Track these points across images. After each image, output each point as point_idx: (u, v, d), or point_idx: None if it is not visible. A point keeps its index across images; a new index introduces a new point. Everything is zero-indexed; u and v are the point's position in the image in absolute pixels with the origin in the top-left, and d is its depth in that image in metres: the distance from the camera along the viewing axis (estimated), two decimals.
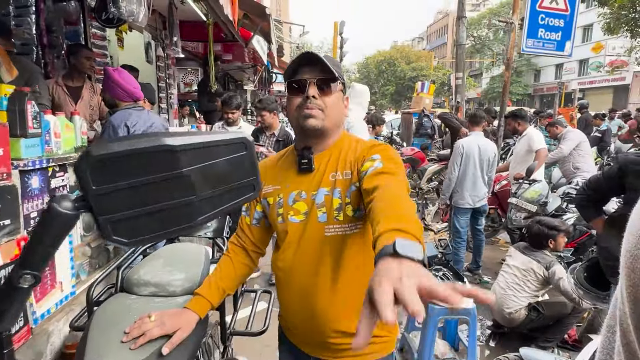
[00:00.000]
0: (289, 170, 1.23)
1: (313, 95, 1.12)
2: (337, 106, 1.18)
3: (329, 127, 1.17)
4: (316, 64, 1.13)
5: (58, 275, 2.34)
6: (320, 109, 1.14)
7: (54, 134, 2.29)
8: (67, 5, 3.38)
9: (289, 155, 1.27)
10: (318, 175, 1.17)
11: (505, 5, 34.45)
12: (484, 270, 4.43)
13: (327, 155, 1.19)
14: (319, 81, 1.13)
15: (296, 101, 1.15)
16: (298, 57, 1.15)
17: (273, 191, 1.23)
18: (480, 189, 4.03)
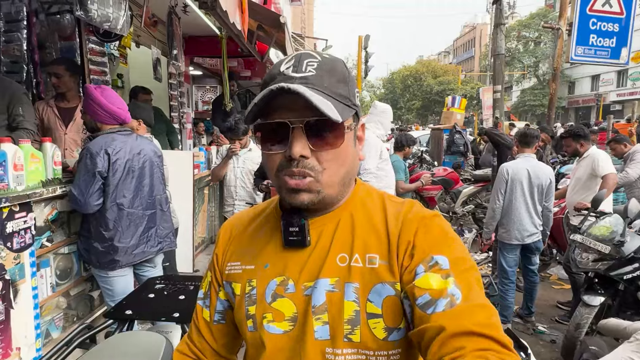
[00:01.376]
0: (268, 241, 0.79)
1: (302, 155, 0.67)
2: (346, 158, 0.72)
3: (333, 195, 0.73)
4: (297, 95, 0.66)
5: (15, 339, 1.90)
6: (313, 175, 0.69)
7: (13, 166, 1.88)
8: (62, 18, 3.05)
9: (270, 214, 0.84)
10: (316, 255, 0.74)
11: (535, 17, 33.40)
12: (537, 316, 3.74)
13: (333, 220, 0.76)
14: (311, 124, 0.67)
15: (274, 159, 0.71)
16: (269, 93, 0.66)
17: (242, 272, 0.79)
18: (531, 222, 3.38)
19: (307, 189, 0.69)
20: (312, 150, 0.68)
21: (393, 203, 0.78)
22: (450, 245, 0.69)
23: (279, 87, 0.64)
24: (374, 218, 0.75)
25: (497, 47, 5.44)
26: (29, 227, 1.96)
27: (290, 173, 0.69)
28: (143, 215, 2.37)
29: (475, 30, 54.23)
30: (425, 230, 0.70)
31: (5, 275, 1.82)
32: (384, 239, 0.72)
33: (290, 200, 0.71)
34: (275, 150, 0.70)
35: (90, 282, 2.54)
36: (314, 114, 0.65)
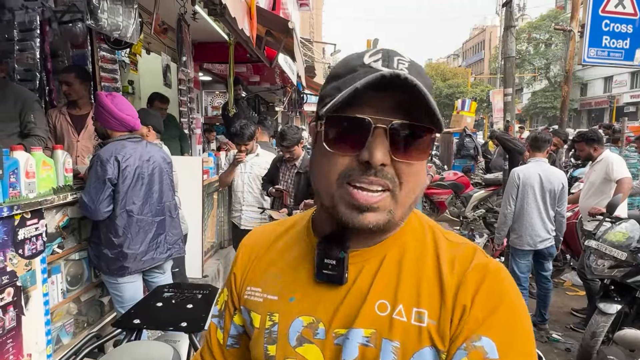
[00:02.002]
0: (296, 268, 0.67)
1: (382, 163, 0.55)
2: (424, 177, 0.61)
3: (398, 220, 0.60)
4: (402, 89, 0.53)
5: (26, 346, 1.91)
6: (390, 187, 0.56)
7: (26, 173, 1.90)
8: (74, 27, 3.09)
9: (300, 234, 0.71)
10: (353, 297, 0.61)
11: (545, 18, 33.06)
12: (551, 324, 3.66)
13: (377, 256, 0.63)
14: (399, 129, 0.56)
15: (339, 163, 0.58)
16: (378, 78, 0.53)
17: (262, 302, 0.68)
18: (543, 227, 3.33)
19: (377, 207, 0.56)
20: (393, 159, 0.56)
21: (447, 243, 0.64)
22: (511, 324, 0.56)
23: (393, 75, 0.52)
24: (425, 261, 0.62)
25: (507, 50, 5.38)
26: (40, 234, 1.98)
27: (364, 182, 0.55)
28: (152, 222, 2.38)
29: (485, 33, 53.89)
30: (487, 293, 0.57)
31: (16, 282, 1.83)
32: (436, 291, 0.59)
33: (350, 220, 0.57)
34: (344, 151, 0.57)
35: (100, 288, 2.56)
36: (403, 116, 0.55)
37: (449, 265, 0.60)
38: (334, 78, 0.61)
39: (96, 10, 1.87)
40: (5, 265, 1.76)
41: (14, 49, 3.11)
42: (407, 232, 0.65)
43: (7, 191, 1.79)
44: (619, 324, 2.80)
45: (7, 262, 1.77)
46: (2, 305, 1.75)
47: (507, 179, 4.50)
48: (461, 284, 0.58)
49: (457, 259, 0.61)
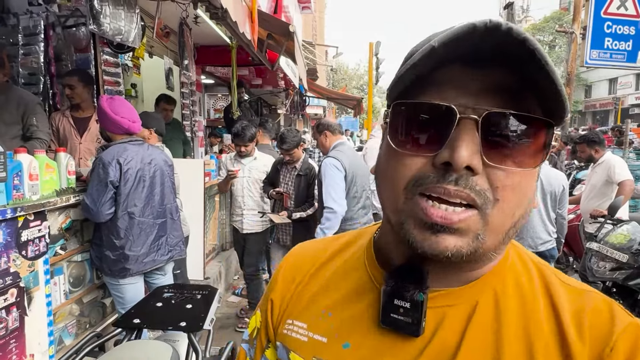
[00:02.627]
0: (354, 305, 0.52)
1: (468, 166, 0.40)
2: (529, 194, 0.44)
3: (491, 250, 0.44)
4: (505, 63, 0.39)
5: (29, 347, 1.93)
6: (479, 202, 0.40)
7: (29, 176, 1.93)
8: (77, 31, 3.14)
9: (360, 261, 0.55)
10: (433, 354, 0.45)
11: (549, 20, 33.01)
12: None
13: (465, 302, 0.47)
14: (498, 122, 0.40)
15: (408, 165, 0.43)
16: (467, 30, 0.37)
17: (307, 342, 0.53)
18: (544, 229, 3.32)
19: (458, 228, 0.41)
20: (486, 163, 0.40)
21: (566, 288, 0.47)
22: None
23: (491, 23, 0.36)
24: (537, 314, 0.45)
25: None
26: (43, 236, 2.00)
27: (442, 192, 0.40)
28: (154, 224, 2.40)
29: None
30: None
31: (20, 283, 1.86)
32: (557, 356, 0.42)
33: (420, 243, 0.42)
34: (415, 151, 0.42)
35: (102, 290, 2.58)
36: (504, 104, 0.40)
37: (574, 322, 0.43)
38: (410, 54, 0.45)
39: (99, 15, 1.90)
40: (8, 266, 1.79)
41: (19, 53, 3.16)
42: (506, 271, 0.48)
43: (11, 193, 1.81)
44: None
45: (10, 263, 1.80)
46: (6, 306, 1.78)
47: None
48: (595, 348, 0.41)
49: (586, 315, 0.44)
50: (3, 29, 3.16)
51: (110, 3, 1.94)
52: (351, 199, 2.98)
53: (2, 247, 1.76)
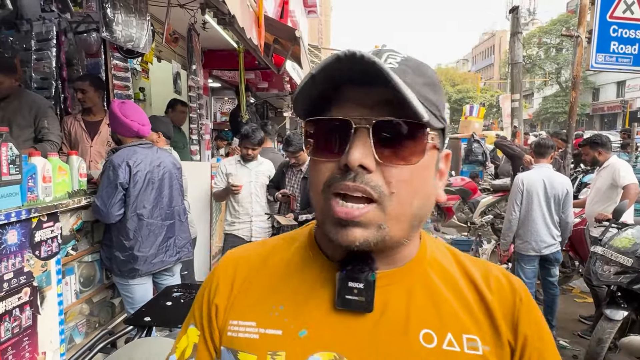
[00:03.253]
0: (306, 295, 0.56)
1: (361, 165, 0.48)
2: (423, 186, 0.52)
3: (398, 238, 0.51)
4: (380, 81, 0.46)
5: (41, 344, 1.98)
6: (375, 196, 0.48)
7: (43, 178, 1.98)
8: (88, 37, 3.22)
9: (306, 256, 0.60)
10: (386, 328, 0.53)
11: (556, 23, 32.85)
12: (558, 331, 3.64)
13: (404, 280, 0.55)
14: (384, 128, 0.48)
15: (322, 170, 0.51)
16: (333, 60, 0.46)
17: (259, 339, 0.55)
18: (548, 232, 3.33)
19: (361, 221, 0.48)
20: (379, 162, 0.48)
21: (469, 259, 0.61)
22: (551, 343, 0.57)
23: (348, 54, 0.44)
24: (457, 282, 0.56)
25: (514, 56, 5.41)
26: (55, 236, 2.06)
27: (343, 189, 0.48)
28: (162, 226, 2.45)
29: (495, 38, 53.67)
30: (537, 325, 0.56)
31: (33, 282, 1.91)
32: (482, 314, 0.54)
33: (336, 237, 0.49)
34: (326, 157, 0.51)
35: (111, 290, 2.63)
36: (390, 114, 0.48)
37: (484, 282, 0.57)
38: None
39: (111, 23, 1.96)
40: (23, 265, 1.84)
41: (31, 58, 3.24)
42: (429, 252, 0.59)
43: (26, 195, 1.87)
44: (626, 330, 2.79)
45: (24, 262, 1.85)
46: (20, 304, 1.83)
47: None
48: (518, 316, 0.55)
49: (491, 277, 0.57)
50: (17, 35, 3.25)
51: (123, 11, 2.00)
52: None
53: (16, 247, 1.82)
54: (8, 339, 1.78)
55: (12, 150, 1.76)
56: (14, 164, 1.76)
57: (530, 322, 0.54)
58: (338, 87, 0.50)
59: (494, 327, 0.53)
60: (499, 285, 0.56)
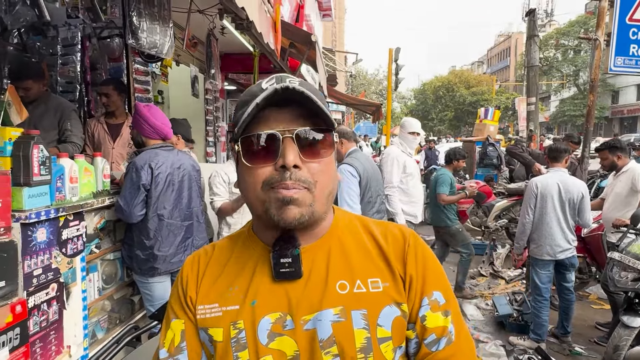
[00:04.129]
0: (251, 274, 0.72)
1: (295, 165, 0.66)
2: (333, 172, 0.72)
3: (321, 212, 0.70)
4: (295, 101, 0.67)
5: (66, 338, 2.06)
6: (306, 186, 0.66)
7: (70, 179, 2.07)
8: (111, 42, 3.33)
9: (246, 243, 0.77)
10: (313, 285, 0.70)
11: (574, 24, 32.30)
12: (574, 337, 3.60)
13: (322, 248, 0.73)
14: (303, 135, 0.67)
15: (260, 173, 0.67)
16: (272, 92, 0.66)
17: (222, 315, 0.70)
18: (563, 237, 3.30)
19: (298, 198, 0.65)
20: (303, 161, 0.66)
21: (374, 222, 0.79)
22: (442, 276, 0.75)
23: (283, 87, 0.64)
24: (363, 240, 0.75)
25: (530, 59, 5.37)
26: (81, 235, 2.14)
27: (284, 186, 0.65)
28: (181, 226, 2.52)
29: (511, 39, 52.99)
30: (422, 259, 0.73)
31: (60, 278, 1.99)
32: (381, 261, 0.73)
33: (281, 215, 0.66)
34: (263, 163, 0.67)
35: (131, 287, 2.71)
36: (303, 124, 0.67)
37: (382, 237, 0.75)
38: (242, 105, 0.70)
39: (137, 31, 2.04)
40: (50, 262, 1.93)
41: (57, 63, 3.36)
42: (340, 225, 0.76)
43: (54, 195, 1.96)
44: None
45: (52, 259, 1.94)
46: (47, 299, 1.91)
47: None
48: (395, 248, 0.74)
49: (388, 233, 0.76)
50: (44, 40, 3.37)
51: (147, 19, 2.08)
52: (366, 204, 3.04)
53: (45, 244, 1.90)
54: (36, 332, 1.86)
55: (43, 152, 1.84)
56: (44, 165, 1.85)
57: (417, 260, 0.73)
58: (262, 109, 0.66)
59: (389, 268, 0.72)
60: (393, 237, 0.75)
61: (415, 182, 3.86)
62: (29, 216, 1.77)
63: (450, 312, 0.72)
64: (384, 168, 3.75)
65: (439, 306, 0.71)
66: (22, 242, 1.77)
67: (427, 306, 0.71)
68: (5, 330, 1.65)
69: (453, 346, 0.70)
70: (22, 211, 1.77)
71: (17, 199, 1.76)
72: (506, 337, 3.61)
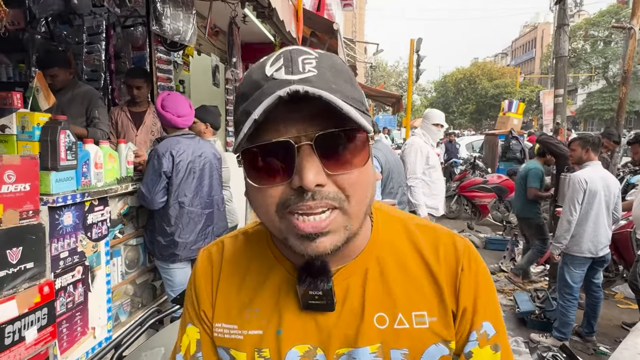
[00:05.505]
0: (276, 300, 0.62)
1: (318, 184, 0.49)
2: (371, 179, 0.55)
3: (357, 230, 0.55)
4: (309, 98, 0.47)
5: (91, 320, 2.12)
6: (336, 204, 0.50)
7: (95, 164, 2.11)
8: (135, 30, 3.36)
9: (268, 261, 0.64)
10: (347, 317, 0.59)
11: (605, 14, 31.01)
12: (599, 337, 3.50)
13: (358, 271, 0.61)
14: (326, 141, 0.49)
15: (272, 195, 0.51)
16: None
17: (244, 339, 0.62)
18: (604, 233, 3.20)
19: (329, 229, 0.50)
20: (329, 174, 0.50)
21: (419, 228, 0.64)
22: (494, 300, 0.63)
23: (291, 92, 0.45)
24: (407, 259, 0.62)
25: (559, 49, 5.16)
26: (105, 220, 2.18)
27: (305, 209, 0.49)
28: (202, 214, 2.54)
29: (537, 30, 51.34)
30: (475, 284, 0.61)
31: (85, 262, 2.04)
32: (429, 288, 0.60)
33: (306, 251, 0.51)
34: (272, 182, 0.51)
35: (153, 273, 2.76)
36: (325, 125, 0.48)
37: (432, 254, 0.61)
38: (242, 98, 0.54)
39: (161, 17, 2.04)
40: (76, 245, 1.97)
41: (83, 52, 3.43)
42: (379, 237, 0.62)
43: (80, 180, 2.00)
44: None
45: (78, 243, 1.98)
46: (74, 281, 1.96)
47: (557, 184, 4.33)
48: (449, 269, 0.60)
49: (440, 247, 0.62)
50: (70, 29, 3.44)
51: (171, 5, 2.08)
52: (387, 195, 3.00)
53: (71, 228, 1.95)
54: (63, 313, 1.91)
55: (70, 137, 1.87)
56: (70, 150, 1.88)
57: (471, 287, 0.60)
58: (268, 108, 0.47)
59: (440, 297, 0.60)
60: (445, 255, 0.61)
61: (438, 174, 3.79)
62: (56, 200, 1.81)
63: (500, 347, 0.61)
64: (407, 159, 3.68)
65: (487, 340, 0.60)
66: (49, 225, 1.81)
67: (475, 342, 0.60)
68: (34, 310, 1.70)
69: None
70: (50, 195, 1.81)
71: (45, 182, 1.80)
72: (527, 334, 3.53)
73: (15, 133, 1.80)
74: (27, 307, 1.68)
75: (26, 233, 1.69)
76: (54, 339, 1.82)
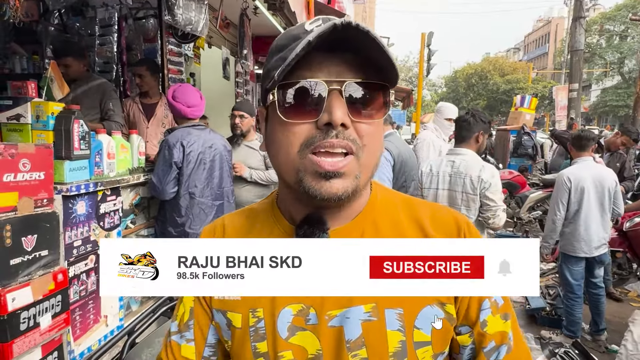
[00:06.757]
0: None
1: (342, 123, 0.53)
2: (382, 139, 0.62)
3: (364, 185, 0.59)
4: (349, 47, 0.54)
5: (103, 308, 2.15)
6: (355, 150, 0.55)
7: (107, 154, 2.12)
8: (146, 22, 3.37)
9: (270, 223, 0.66)
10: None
11: (622, 8, 30.32)
12: (610, 335, 3.45)
13: (355, 233, 0.62)
14: (354, 89, 0.55)
15: (298, 132, 0.55)
16: (329, 28, 0.51)
17: (241, 300, 0.62)
18: (598, 232, 3.11)
19: (344, 172, 0.54)
20: (352, 120, 0.55)
21: (420, 202, 0.67)
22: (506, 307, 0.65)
23: (345, 24, 0.50)
24: (404, 227, 0.63)
25: (575, 43, 5.07)
26: (117, 209, 2.20)
27: (328, 145, 0.53)
28: (212, 205, 2.55)
29: (550, 25, 50.43)
30: None
31: (97, 250, 2.06)
32: None
33: (318, 190, 0.54)
34: (302, 118, 0.55)
35: None
36: (355, 76, 0.54)
37: (431, 223, 0.63)
38: (278, 50, 0.57)
39: (173, 7, 2.05)
40: (89, 234, 1.99)
41: (95, 44, 3.45)
42: (377, 203, 0.65)
43: (93, 169, 2.01)
44: None
45: (90, 232, 2.00)
46: (86, 270, 1.99)
47: None
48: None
49: (437, 217, 0.64)
50: (82, 21, 3.46)
51: None
52: (399, 188, 2.98)
53: (85, 217, 1.97)
54: (76, 301, 1.94)
55: (83, 127, 1.89)
56: (83, 139, 1.90)
57: None
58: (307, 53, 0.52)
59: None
60: (443, 224, 0.63)
61: None
62: (69, 189, 1.83)
63: (510, 316, 0.64)
64: (420, 154, 3.66)
65: (498, 308, 0.62)
66: (63, 214, 1.83)
67: (489, 309, 0.62)
68: (48, 297, 1.73)
69: (512, 355, 0.63)
70: (64, 184, 1.82)
71: (59, 171, 1.82)
72: (538, 331, 3.50)
73: (30, 122, 1.82)
74: (42, 294, 1.70)
75: (41, 221, 1.71)
76: (68, 325, 1.85)
